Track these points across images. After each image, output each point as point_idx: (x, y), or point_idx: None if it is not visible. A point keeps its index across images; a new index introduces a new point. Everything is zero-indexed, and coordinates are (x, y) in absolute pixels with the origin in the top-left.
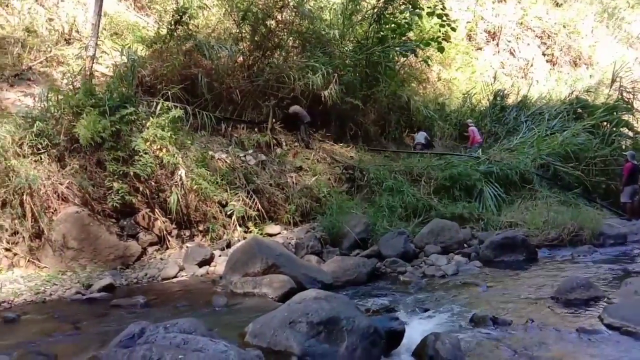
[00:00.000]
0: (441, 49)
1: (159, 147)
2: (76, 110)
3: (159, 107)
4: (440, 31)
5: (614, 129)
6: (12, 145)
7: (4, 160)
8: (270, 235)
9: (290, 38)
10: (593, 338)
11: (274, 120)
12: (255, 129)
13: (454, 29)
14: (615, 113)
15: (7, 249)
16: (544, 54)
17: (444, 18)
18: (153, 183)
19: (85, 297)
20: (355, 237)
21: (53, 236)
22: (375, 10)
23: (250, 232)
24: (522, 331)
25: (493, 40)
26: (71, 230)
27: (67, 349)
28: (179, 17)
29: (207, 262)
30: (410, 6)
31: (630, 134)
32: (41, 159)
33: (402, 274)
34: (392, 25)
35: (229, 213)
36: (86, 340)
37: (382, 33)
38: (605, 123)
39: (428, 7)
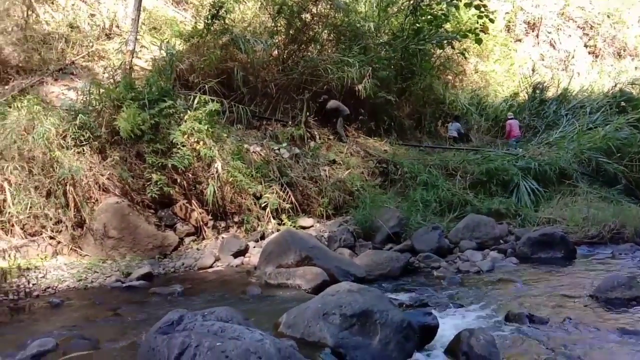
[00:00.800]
0: (479, 41)
1: (196, 140)
2: (117, 104)
3: (196, 101)
4: (477, 22)
5: None
6: (57, 137)
7: (48, 152)
8: (303, 228)
9: (325, 31)
10: (634, 339)
11: (307, 113)
12: (289, 123)
13: (492, 20)
14: None
15: (51, 237)
16: (586, 45)
17: (482, 9)
18: (190, 175)
19: (125, 284)
20: (388, 231)
21: (94, 225)
22: (412, 2)
23: (284, 224)
24: (560, 330)
25: (532, 31)
26: (111, 220)
27: (108, 334)
28: (215, 12)
29: (242, 253)
30: None
31: None
32: (83, 150)
33: (436, 269)
34: (429, 16)
35: (263, 205)
36: (126, 326)
37: (418, 25)
38: None
39: None
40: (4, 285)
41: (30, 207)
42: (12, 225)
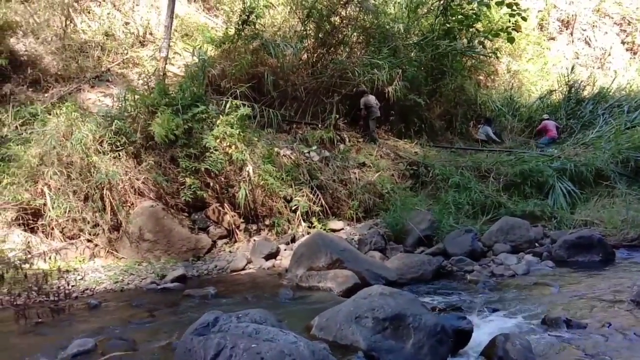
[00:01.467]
0: (511, 40)
1: (228, 144)
2: (151, 109)
3: (227, 106)
4: (510, 21)
5: None
6: (94, 142)
7: (86, 157)
8: (334, 230)
9: (354, 34)
10: None
11: (337, 116)
12: (319, 125)
13: (524, 19)
14: None
15: (89, 240)
16: (623, 43)
17: (514, 7)
18: (222, 178)
19: (160, 287)
20: (419, 234)
21: (130, 229)
22: (442, 2)
23: (314, 227)
24: (599, 335)
25: (567, 29)
26: (147, 223)
27: (144, 335)
28: (246, 17)
29: (273, 255)
30: None
31: None
32: (119, 155)
33: (469, 272)
34: (459, 16)
35: (293, 208)
36: (162, 327)
37: (448, 25)
38: None
39: None
40: (45, 286)
41: (69, 211)
42: (52, 229)
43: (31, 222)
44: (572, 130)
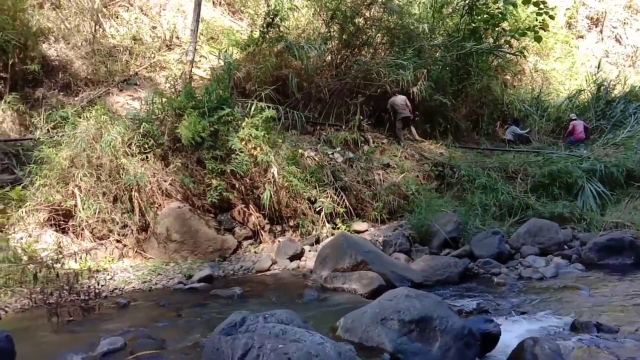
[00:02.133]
0: (538, 39)
1: (253, 146)
2: (178, 112)
3: (252, 108)
4: (537, 20)
5: None
6: (122, 145)
7: (115, 159)
8: (358, 232)
9: (378, 34)
10: None
11: (361, 117)
12: (343, 127)
13: (552, 17)
14: None
15: (118, 241)
16: None
17: (541, 6)
18: (248, 180)
19: (187, 286)
20: (445, 236)
21: (158, 229)
22: (467, 1)
23: (338, 228)
24: (632, 340)
25: (596, 27)
26: (174, 224)
27: (172, 334)
28: (270, 20)
29: (297, 256)
30: None
31: None
32: (147, 157)
33: (496, 275)
34: (485, 16)
35: (317, 209)
36: (189, 326)
37: (474, 25)
38: None
39: None
40: (76, 286)
41: (99, 212)
42: (82, 229)
43: (62, 222)
44: (602, 130)
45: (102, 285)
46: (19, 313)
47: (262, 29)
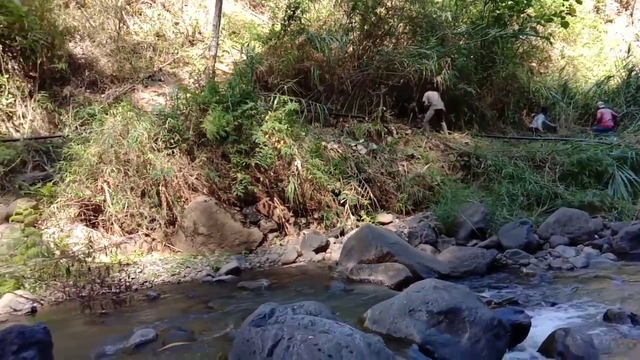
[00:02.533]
0: (565, 25)
1: (277, 139)
2: (202, 107)
3: (275, 101)
4: (563, 5)
5: None
6: (149, 140)
7: (142, 155)
8: (382, 223)
9: (401, 24)
10: None
11: (384, 108)
12: (366, 118)
13: (579, 2)
14: None
15: (146, 235)
16: None
17: None
18: (272, 173)
19: (215, 279)
20: (472, 227)
21: (185, 223)
22: None
23: (363, 220)
24: None
25: (626, 10)
26: (200, 217)
27: (202, 326)
28: (291, 13)
29: (323, 248)
30: None
31: None
32: (173, 152)
33: (525, 265)
34: (509, 2)
35: (342, 201)
36: (218, 318)
37: (498, 11)
38: None
39: None
40: (107, 279)
41: (127, 207)
42: (112, 224)
43: (92, 217)
44: (632, 116)
45: (132, 279)
46: (54, 306)
47: (283, 22)
